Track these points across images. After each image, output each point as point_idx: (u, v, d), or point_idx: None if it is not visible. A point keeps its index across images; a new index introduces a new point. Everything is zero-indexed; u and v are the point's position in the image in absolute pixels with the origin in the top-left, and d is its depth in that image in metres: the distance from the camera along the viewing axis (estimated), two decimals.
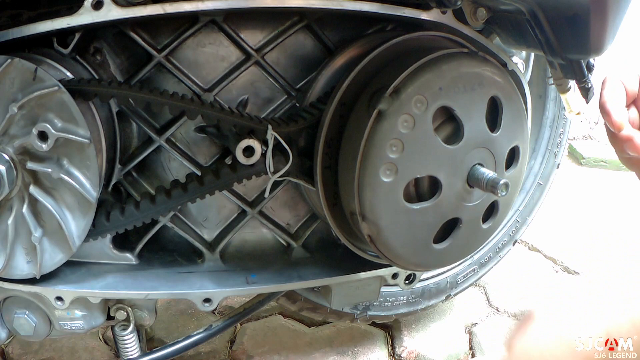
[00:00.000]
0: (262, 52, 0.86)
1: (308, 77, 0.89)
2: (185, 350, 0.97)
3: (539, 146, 1.36)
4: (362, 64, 0.80)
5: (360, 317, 1.25)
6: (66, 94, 0.70)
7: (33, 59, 0.72)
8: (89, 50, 0.83)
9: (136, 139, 0.89)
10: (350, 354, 1.37)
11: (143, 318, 0.91)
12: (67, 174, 0.73)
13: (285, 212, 0.97)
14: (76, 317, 0.86)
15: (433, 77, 0.74)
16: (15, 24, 0.72)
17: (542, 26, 0.77)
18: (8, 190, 0.72)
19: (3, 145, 0.72)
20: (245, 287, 0.89)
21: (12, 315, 0.86)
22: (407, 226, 0.79)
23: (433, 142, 0.75)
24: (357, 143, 0.76)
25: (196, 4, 0.74)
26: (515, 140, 0.84)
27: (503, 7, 0.83)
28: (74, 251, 0.78)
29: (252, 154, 0.79)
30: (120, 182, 0.88)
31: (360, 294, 0.99)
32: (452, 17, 0.85)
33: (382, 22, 0.91)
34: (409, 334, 1.43)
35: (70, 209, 0.76)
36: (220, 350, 1.37)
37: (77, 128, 0.71)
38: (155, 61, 0.83)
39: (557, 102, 1.33)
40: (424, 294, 1.30)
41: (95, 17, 0.71)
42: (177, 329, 1.43)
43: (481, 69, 0.78)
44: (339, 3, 0.78)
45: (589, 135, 2.69)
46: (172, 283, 0.88)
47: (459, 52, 0.80)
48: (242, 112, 0.82)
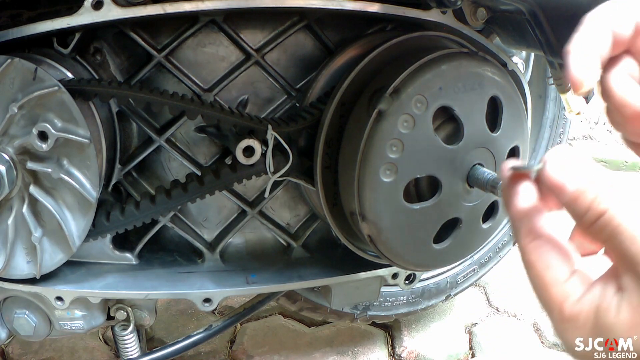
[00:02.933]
0: (262, 52, 0.86)
1: (308, 77, 0.89)
2: (185, 350, 0.97)
3: (539, 146, 1.36)
4: (362, 64, 0.80)
5: (360, 317, 1.25)
6: (66, 94, 0.70)
7: (33, 59, 0.72)
8: (89, 50, 0.83)
9: (136, 139, 0.89)
10: (350, 354, 1.37)
11: (143, 318, 0.91)
12: (67, 174, 0.73)
13: (285, 212, 0.97)
14: (76, 317, 0.86)
15: (433, 77, 0.74)
16: (15, 24, 0.72)
17: (542, 26, 0.77)
18: (8, 190, 0.72)
19: (3, 145, 0.72)
20: (245, 287, 0.89)
21: (12, 315, 0.86)
22: (407, 226, 0.79)
23: (433, 142, 0.75)
24: (357, 143, 0.76)
25: (196, 4, 0.74)
26: (515, 140, 0.84)
27: (503, 7, 0.83)
28: (74, 251, 0.78)
29: (252, 154, 0.79)
30: (120, 182, 0.89)
31: (360, 294, 0.99)
32: (452, 17, 0.85)
33: (382, 22, 0.91)
34: (409, 334, 1.43)
35: (70, 209, 0.76)
36: (220, 350, 1.37)
37: (77, 128, 0.71)
38: (155, 61, 0.83)
39: (557, 102, 1.33)
40: (424, 294, 1.30)
41: (95, 17, 0.71)
42: (177, 329, 1.43)
43: (481, 69, 0.78)
44: (339, 3, 0.78)
45: (589, 135, 2.69)
46: (172, 283, 0.88)
47: (459, 52, 0.80)
48: (242, 112, 0.82)
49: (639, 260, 0.38)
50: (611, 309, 0.39)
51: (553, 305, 0.43)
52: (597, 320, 0.40)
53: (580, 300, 0.42)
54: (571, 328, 0.42)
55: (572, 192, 0.41)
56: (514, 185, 0.49)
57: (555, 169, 0.43)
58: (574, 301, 0.42)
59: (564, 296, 0.42)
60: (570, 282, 0.43)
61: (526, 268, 0.46)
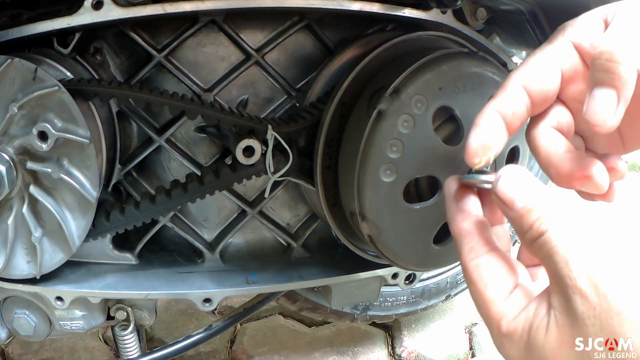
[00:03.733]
0: (262, 52, 0.86)
1: (308, 77, 0.89)
2: (185, 350, 0.97)
3: None
4: (362, 64, 0.80)
5: (360, 317, 1.25)
6: (66, 94, 0.70)
7: (33, 59, 0.72)
8: (89, 50, 0.83)
9: (136, 139, 0.89)
10: (350, 354, 1.37)
11: (143, 318, 0.91)
12: (67, 174, 0.73)
13: (285, 212, 0.97)
14: (76, 317, 0.86)
15: (433, 77, 0.74)
16: (15, 24, 0.72)
17: (542, 26, 0.78)
18: (8, 190, 0.72)
19: (3, 145, 0.72)
20: (245, 287, 0.89)
21: (12, 315, 0.86)
22: (407, 226, 0.79)
23: (433, 142, 0.75)
24: (357, 143, 0.76)
25: (196, 4, 0.74)
26: (515, 140, 0.84)
27: (503, 7, 0.83)
28: (74, 251, 0.78)
29: (252, 154, 0.79)
30: (120, 182, 0.89)
31: (360, 294, 0.99)
32: (452, 17, 0.85)
33: (382, 22, 0.91)
34: (409, 334, 1.43)
35: (70, 209, 0.76)
36: (220, 350, 1.37)
37: (77, 128, 0.71)
38: (155, 61, 0.83)
39: None
40: (424, 294, 1.30)
41: (95, 17, 0.71)
42: (177, 329, 1.43)
43: (481, 69, 0.78)
44: (339, 3, 0.78)
45: None
46: (172, 283, 0.88)
47: (459, 52, 0.80)
48: (242, 112, 0.82)
49: (568, 283, 0.39)
50: (541, 328, 0.41)
51: (492, 322, 0.44)
52: (529, 338, 0.41)
53: (516, 318, 0.43)
54: (508, 344, 0.43)
55: (519, 208, 0.43)
56: (459, 200, 0.50)
57: (508, 184, 0.44)
58: (511, 319, 0.43)
59: (502, 314, 0.44)
60: (509, 300, 0.44)
61: (467, 284, 0.47)
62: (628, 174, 2.37)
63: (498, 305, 0.44)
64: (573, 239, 0.40)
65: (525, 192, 0.43)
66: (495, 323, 0.44)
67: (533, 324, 0.41)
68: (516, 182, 0.44)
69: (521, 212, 0.43)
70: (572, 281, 0.39)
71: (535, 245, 0.42)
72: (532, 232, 0.42)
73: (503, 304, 0.44)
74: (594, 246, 0.39)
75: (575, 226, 0.41)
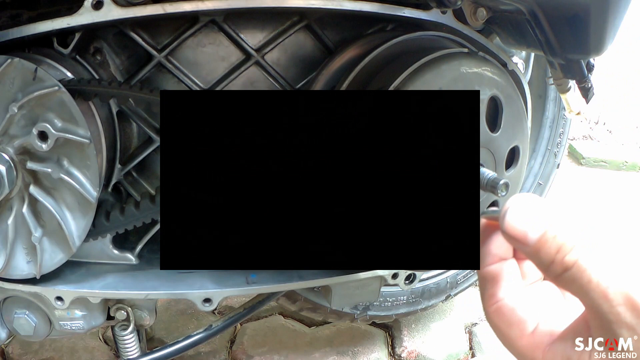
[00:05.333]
0: (262, 52, 0.86)
1: (308, 77, 0.89)
2: (185, 350, 0.97)
3: (539, 146, 1.36)
4: (362, 64, 0.80)
5: (360, 317, 1.25)
6: (66, 94, 0.70)
7: (33, 59, 0.72)
8: (89, 50, 0.83)
9: (136, 139, 0.89)
10: (350, 354, 1.37)
11: (143, 318, 0.91)
12: (67, 174, 0.73)
13: None
14: (76, 317, 0.86)
15: (433, 77, 0.74)
16: (15, 24, 0.72)
17: (542, 26, 0.77)
18: (8, 190, 0.72)
19: (3, 145, 0.72)
20: (245, 287, 0.89)
21: (12, 315, 0.86)
22: None
23: None
24: None
25: (196, 4, 0.74)
26: (515, 140, 0.84)
27: (503, 7, 0.83)
28: (74, 251, 0.78)
29: None
30: (120, 182, 0.88)
31: (360, 294, 0.98)
32: (452, 17, 0.85)
33: (382, 22, 0.91)
34: (409, 334, 1.43)
35: (70, 209, 0.76)
36: (220, 350, 1.37)
37: (77, 128, 0.71)
38: (155, 61, 0.83)
39: (557, 102, 1.33)
40: (424, 294, 1.30)
41: (95, 17, 0.71)
42: (177, 329, 1.43)
43: (481, 69, 0.78)
44: (339, 3, 0.78)
45: (589, 135, 2.69)
46: (172, 283, 0.87)
47: (459, 52, 0.80)
48: None
49: (612, 319, 0.36)
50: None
51: (526, 358, 0.43)
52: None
53: (552, 348, 0.41)
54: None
55: (534, 242, 0.39)
56: (484, 241, 0.47)
57: (516, 218, 0.39)
58: (545, 349, 0.41)
59: (534, 346, 0.42)
60: (537, 333, 0.43)
61: (491, 327, 0.46)
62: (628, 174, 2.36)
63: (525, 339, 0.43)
64: (608, 267, 0.37)
65: (538, 222, 0.39)
66: (530, 356, 0.42)
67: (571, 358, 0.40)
68: (525, 212, 0.39)
69: (537, 245, 0.39)
70: (615, 316, 0.36)
71: (563, 279, 0.38)
72: (555, 266, 0.38)
73: (531, 337, 0.43)
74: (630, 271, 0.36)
75: (606, 252, 0.37)
